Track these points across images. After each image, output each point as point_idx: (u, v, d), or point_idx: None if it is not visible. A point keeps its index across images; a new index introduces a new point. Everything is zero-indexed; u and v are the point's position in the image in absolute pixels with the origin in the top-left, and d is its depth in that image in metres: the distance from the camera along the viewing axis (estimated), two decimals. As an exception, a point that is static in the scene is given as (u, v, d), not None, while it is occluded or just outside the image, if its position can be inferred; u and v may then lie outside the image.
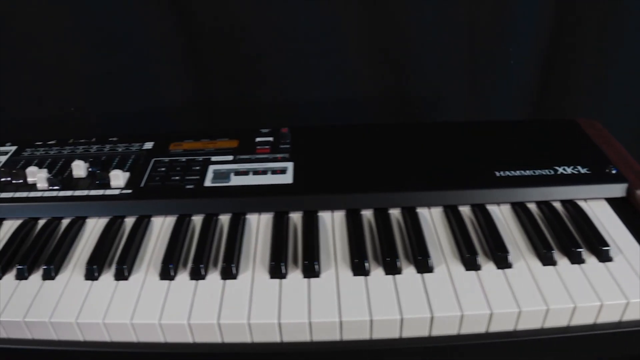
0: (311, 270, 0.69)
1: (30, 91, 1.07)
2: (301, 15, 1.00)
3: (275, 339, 0.65)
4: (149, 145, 0.91)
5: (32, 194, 0.83)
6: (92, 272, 0.71)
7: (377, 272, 0.69)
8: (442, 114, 1.12)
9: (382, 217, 0.77)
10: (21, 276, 0.72)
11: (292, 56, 1.03)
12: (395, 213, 0.79)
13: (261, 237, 0.76)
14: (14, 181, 0.86)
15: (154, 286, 0.70)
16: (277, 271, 0.69)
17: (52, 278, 0.72)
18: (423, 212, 0.78)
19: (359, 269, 0.69)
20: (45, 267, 0.72)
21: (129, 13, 0.99)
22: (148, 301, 0.67)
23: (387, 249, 0.70)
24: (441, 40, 1.03)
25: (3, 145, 0.97)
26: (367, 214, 0.79)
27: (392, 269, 0.68)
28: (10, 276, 0.73)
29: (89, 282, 0.71)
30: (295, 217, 0.79)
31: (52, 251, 0.75)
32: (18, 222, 0.82)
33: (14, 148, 0.96)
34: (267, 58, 1.04)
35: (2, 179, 0.87)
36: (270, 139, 0.89)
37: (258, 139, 0.89)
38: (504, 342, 0.65)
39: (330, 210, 0.79)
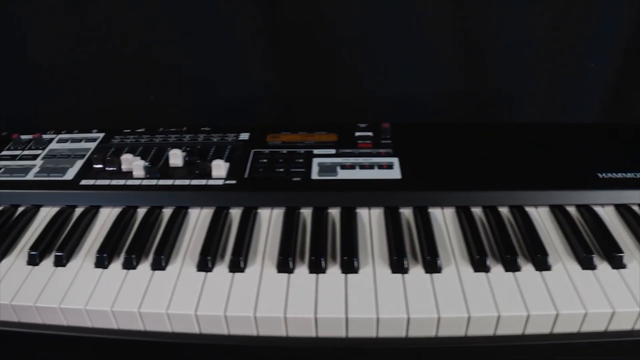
0: (433, 266, 0.66)
1: (109, 79, 1.05)
2: (384, 10, 0.98)
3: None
4: (244, 136, 0.90)
5: (130, 182, 0.81)
6: (206, 263, 0.69)
7: (497, 269, 0.66)
8: (516, 114, 1.10)
9: (494, 215, 0.74)
10: (129, 265, 0.70)
11: (372, 51, 1.02)
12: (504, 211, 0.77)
13: (375, 232, 0.73)
14: (107, 168, 0.84)
15: (271, 279, 0.67)
16: (400, 266, 0.67)
17: (163, 268, 0.69)
18: (531, 211, 0.76)
19: (480, 265, 0.66)
20: (155, 257, 0.69)
21: (215, 3, 0.98)
22: (268, 293, 0.64)
23: (506, 247, 0.68)
24: (524, 39, 1.01)
25: (89, 131, 0.95)
26: (477, 211, 0.76)
27: (512, 267, 0.66)
28: (117, 264, 0.70)
29: (203, 273, 0.68)
30: (407, 213, 0.76)
31: (161, 241, 0.72)
32: (116, 210, 0.79)
33: (101, 135, 0.94)
34: (348, 53, 1.02)
35: (95, 166, 0.85)
36: (370, 133, 0.88)
37: (357, 134, 0.88)
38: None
39: (440, 207, 0.77)
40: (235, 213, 0.78)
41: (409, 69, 1.01)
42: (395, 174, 0.79)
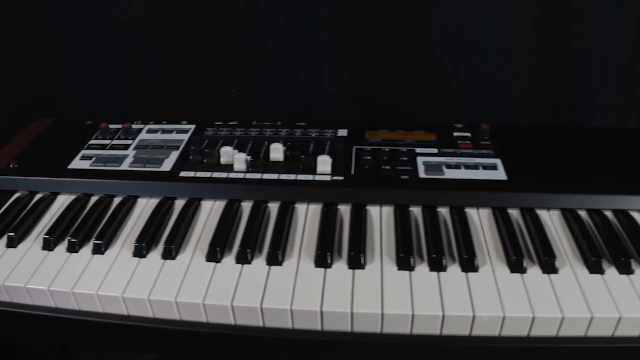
0: (551, 267, 0.65)
1: (194, 71, 1.05)
2: (471, 11, 0.98)
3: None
4: (342, 132, 0.88)
5: (232, 175, 0.79)
6: (325, 259, 0.67)
7: (610, 272, 0.66)
8: (594, 118, 1.09)
9: (600, 218, 0.74)
10: (244, 260, 0.68)
11: (456, 52, 1.01)
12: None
13: (487, 232, 0.72)
14: (205, 160, 0.82)
15: (393, 276, 0.65)
16: (518, 266, 0.66)
17: (280, 264, 0.68)
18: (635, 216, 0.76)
19: (595, 267, 0.65)
20: (270, 251, 0.68)
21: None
22: (391, 290, 0.63)
23: (618, 249, 0.67)
24: (605, 43, 1.01)
25: (178, 122, 0.94)
26: (582, 214, 0.75)
27: (625, 269, 0.65)
28: (230, 258, 0.69)
29: (321, 269, 0.67)
30: (515, 214, 0.75)
31: (274, 236, 0.70)
32: (219, 203, 0.78)
33: (192, 126, 0.92)
34: (433, 54, 1.02)
35: (192, 158, 0.83)
36: (468, 134, 0.87)
37: (456, 134, 0.87)
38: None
39: (546, 208, 0.76)
40: (343, 209, 0.76)
41: (493, 70, 1.01)
42: (500, 174, 0.78)
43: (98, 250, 0.73)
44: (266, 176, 0.79)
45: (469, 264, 0.67)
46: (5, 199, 0.85)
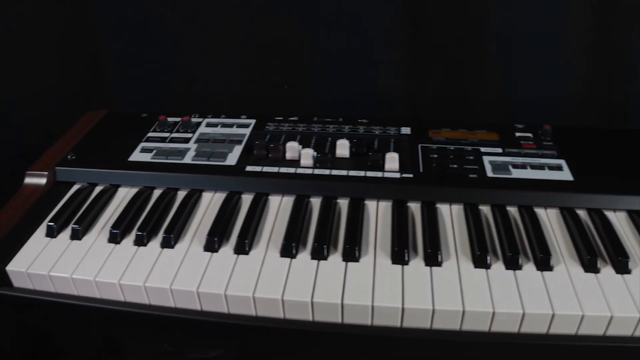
0: (624, 268, 0.65)
1: (246, 66, 1.04)
2: (526, 11, 0.98)
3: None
4: (405, 130, 0.88)
5: (300, 171, 0.79)
6: (402, 256, 0.67)
7: None
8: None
9: None
10: (319, 256, 0.68)
11: (508, 52, 1.01)
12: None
13: (557, 232, 0.72)
14: (270, 155, 0.82)
15: (470, 274, 0.65)
16: (592, 266, 0.66)
17: (357, 260, 0.67)
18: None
19: None
20: (347, 247, 0.68)
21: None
22: (470, 288, 0.63)
23: None
24: None
25: (237, 117, 0.93)
26: None
27: None
28: (305, 254, 0.69)
29: (399, 266, 0.66)
30: (582, 214, 0.75)
31: (348, 233, 0.70)
32: (287, 198, 0.77)
33: (252, 121, 0.92)
34: (486, 54, 1.01)
35: (256, 152, 0.83)
36: (530, 134, 0.86)
37: (517, 134, 0.87)
38: None
39: (612, 209, 0.76)
40: (414, 207, 0.76)
41: (547, 70, 1.01)
42: (565, 175, 0.78)
43: (167, 244, 0.72)
44: (334, 172, 0.78)
45: (544, 263, 0.67)
46: (65, 190, 0.84)
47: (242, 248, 0.70)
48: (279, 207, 0.78)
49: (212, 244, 0.71)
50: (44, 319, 0.79)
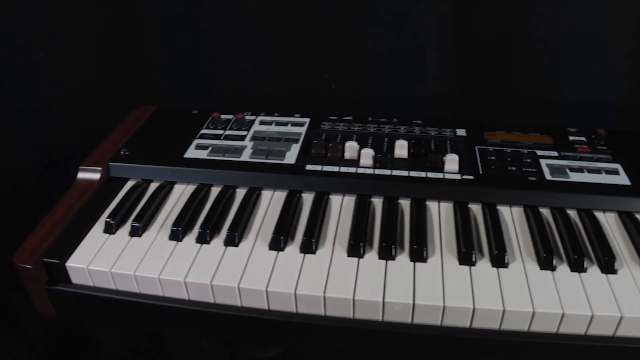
0: None
1: (295, 64, 1.04)
2: (573, 13, 0.98)
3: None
4: (461, 131, 0.88)
5: (361, 171, 0.79)
6: (470, 257, 0.67)
7: None
8: None
9: None
10: (387, 256, 0.68)
11: (554, 55, 1.01)
12: None
13: (617, 235, 0.73)
14: (329, 155, 0.82)
15: (536, 275, 0.66)
16: None
17: (425, 260, 0.68)
18: None
19: None
20: (415, 247, 0.68)
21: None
22: (538, 288, 0.63)
23: None
24: None
25: (291, 115, 0.93)
26: None
27: None
28: (372, 254, 0.69)
29: (466, 267, 0.67)
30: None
31: (417, 232, 0.70)
32: (348, 198, 0.78)
33: (307, 120, 0.92)
34: (532, 56, 1.01)
35: (314, 151, 0.82)
36: (583, 138, 0.87)
37: (571, 138, 0.87)
38: None
39: (668, 215, 0.80)
40: (475, 208, 0.76)
41: (591, 73, 1.01)
42: (623, 179, 0.79)
43: (231, 242, 0.72)
44: (395, 172, 0.79)
45: (608, 266, 0.68)
46: (118, 186, 0.84)
47: (309, 247, 0.70)
48: (341, 206, 0.78)
49: (278, 242, 0.71)
50: (100, 316, 0.79)
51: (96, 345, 1.12)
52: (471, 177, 0.78)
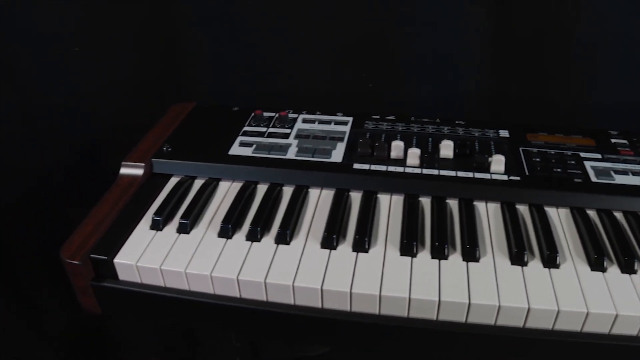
0: None
1: (333, 64, 1.04)
2: (610, 15, 0.97)
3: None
4: (504, 133, 0.89)
5: (409, 170, 0.79)
6: (522, 257, 0.67)
7: None
8: None
9: None
10: (440, 255, 0.68)
11: (593, 57, 1.01)
12: None
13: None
14: (375, 154, 0.82)
15: (587, 277, 0.66)
16: None
17: (477, 260, 0.68)
18: None
19: None
20: (468, 247, 0.68)
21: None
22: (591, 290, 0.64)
23: None
24: None
25: (333, 114, 0.93)
26: None
27: None
28: (425, 253, 0.69)
29: (518, 267, 0.67)
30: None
31: (469, 232, 0.70)
32: (397, 197, 0.78)
33: (350, 119, 0.92)
34: (568, 58, 1.01)
35: (360, 150, 0.83)
36: (625, 141, 0.87)
37: (613, 140, 0.88)
38: None
39: None
40: (522, 209, 0.77)
41: (630, 76, 1.01)
42: (666, 182, 0.82)
43: (283, 239, 0.72)
44: (443, 172, 0.79)
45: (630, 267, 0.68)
46: (162, 182, 0.83)
47: (362, 246, 0.70)
48: (390, 205, 0.78)
49: (331, 241, 0.71)
50: (147, 313, 0.79)
51: (124, 344, 1.12)
52: (518, 178, 0.78)
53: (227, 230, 0.74)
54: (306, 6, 1.01)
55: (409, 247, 0.70)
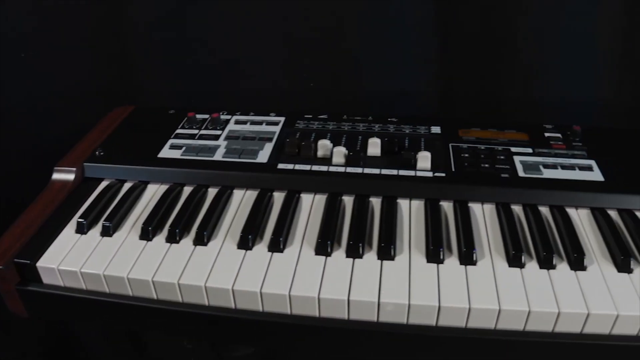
0: None
1: (274, 64, 1.04)
2: (555, 12, 0.97)
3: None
4: (435, 129, 0.88)
5: (333, 169, 0.79)
6: (438, 254, 0.67)
7: None
8: None
9: None
10: (355, 254, 0.68)
11: (537, 53, 1.01)
12: None
13: (589, 231, 0.72)
14: (302, 153, 0.82)
15: (504, 273, 0.65)
16: (626, 266, 0.66)
17: (392, 258, 0.67)
18: None
19: None
20: (383, 245, 0.68)
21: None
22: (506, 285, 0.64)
23: None
24: None
25: (265, 114, 0.93)
26: None
27: None
28: (340, 252, 0.68)
29: (434, 264, 0.66)
30: (614, 215, 0.75)
31: (386, 230, 0.70)
32: (319, 196, 0.77)
33: (282, 119, 0.92)
34: (515, 54, 1.01)
35: (287, 150, 0.83)
36: (559, 135, 0.87)
37: (547, 134, 0.87)
38: None
39: (641, 209, 0.80)
40: (447, 205, 0.76)
41: (574, 72, 1.01)
42: (596, 176, 0.78)
43: (200, 240, 0.72)
44: (367, 170, 0.79)
45: (579, 263, 0.67)
46: (93, 186, 0.84)
47: (277, 246, 0.70)
48: (312, 205, 0.78)
49: (247, 241, 0.71)
50: (72, 316, 0.79)
51: (80, 345, 1.13)
52: (443, 175, 0.78)
53: (148, 232, 0.74)
54: (251, 8, 1.01)
55: (323, 247, 0.69)
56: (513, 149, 0.83)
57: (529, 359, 0.67)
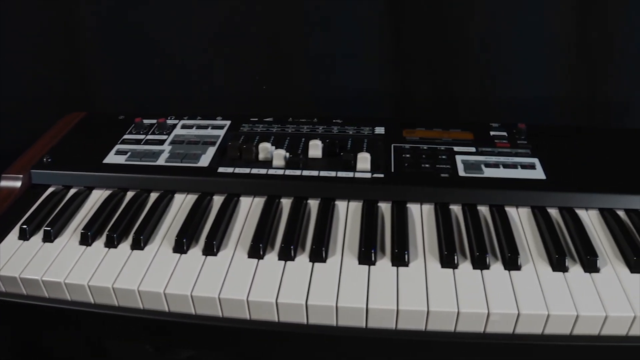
0: (593, 266, 0.65)
1: (226, 68, 1.05)
2: (506, 11, 0.98)
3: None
4: (379, 130, 0.88)
5: (272, 172, 0.79)
6: (369, 256, 0.66)
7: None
8: (626, 119, 1.07)
9: (639, 218, 0.73)
10: (287, 256, 0.68)
11: (489, 52, 1.01)
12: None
13: (528, 230, 0.72)
14: (243, 157, 0.82)
15: (437, 274, 0.65)
16: (561, 265, 0.65)
17: (324, 260, 0.67)
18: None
19: (636, 266, 0.65)
20: (314, 247, 0.67)
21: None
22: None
23: None
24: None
25: (212, 118, 0.93)
26: (620, 214, 0.75)
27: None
28: (272, 255, 0.69)
29: (365, 266, 0.66)
30: (554, 213, 0.75)
31: (316, 233, 0.70)
32: (258, 199, 0.78)
33: (227, 122, 0.92)
34: (467, 53, 1.02)
35: (230, 154, 0.83)
36: (504, 133, 0.86)
37: (492, 133, 0.87)
38: None
39: (584, 208, 0.76)
40: (384, 207, 0.76)
41: (527, 70, 1.01)
42: (538, 174, 0.78)
43: (137, 245, 0.72)
44: (306, 173, 0.79)
45: (512, 263, 0.67)
46: (40, 193, 0.84)
47: (211, 249, 0.70)
48: (250, 208, 0.78)
49: (181, 245, 0.71)
50: (18, 323, 0.80)
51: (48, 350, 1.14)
52: (382, 176, 0.78)
53: (87, 237, 0.74)
54: (197, 11, 1.01)
55: (256, 250, 0.69)
56: (456, 149, 0.83)
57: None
